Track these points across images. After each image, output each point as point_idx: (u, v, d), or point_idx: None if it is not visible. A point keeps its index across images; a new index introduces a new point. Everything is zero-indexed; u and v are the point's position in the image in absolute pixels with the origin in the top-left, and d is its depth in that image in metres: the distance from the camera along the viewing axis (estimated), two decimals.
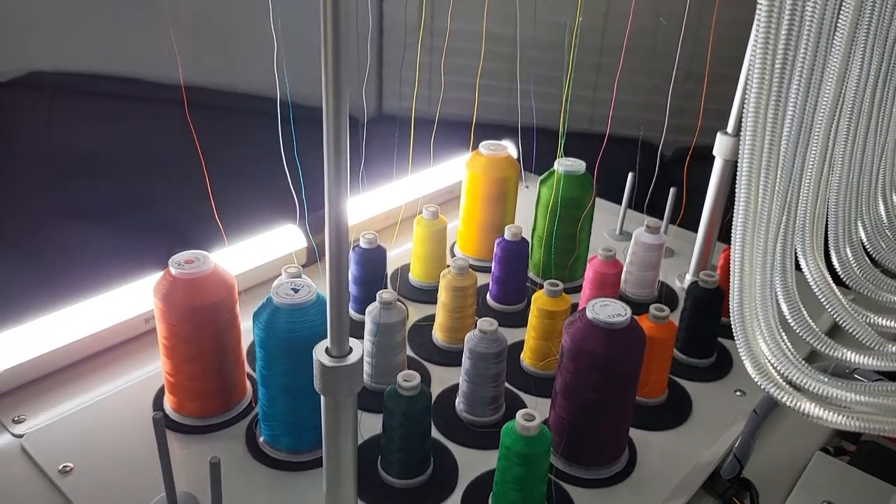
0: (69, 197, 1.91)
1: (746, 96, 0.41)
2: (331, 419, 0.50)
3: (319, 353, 0.49)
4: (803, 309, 0.50)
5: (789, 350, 0.47)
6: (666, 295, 0.98)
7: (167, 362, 0.70)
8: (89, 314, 0.81)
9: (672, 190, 1.05)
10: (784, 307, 0.49)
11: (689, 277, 1.01)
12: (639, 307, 0.89)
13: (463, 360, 0.74)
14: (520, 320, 0.90)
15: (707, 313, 0.84)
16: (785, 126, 0.42)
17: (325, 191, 0.45)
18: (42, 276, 1.57)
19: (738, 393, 0.83)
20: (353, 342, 0.50)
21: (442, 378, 0.82)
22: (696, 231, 0.99)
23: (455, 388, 0.78)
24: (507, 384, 0.79)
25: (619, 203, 1.13)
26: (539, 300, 0.80)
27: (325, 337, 0.49)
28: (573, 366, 0.66)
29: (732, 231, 0.44)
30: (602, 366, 0.65)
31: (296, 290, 0.66)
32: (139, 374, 0.79)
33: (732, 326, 0.49)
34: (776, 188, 0.43)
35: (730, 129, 0.91)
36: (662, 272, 1.00)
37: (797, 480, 0.68)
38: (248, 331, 0.74)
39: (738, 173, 0.41)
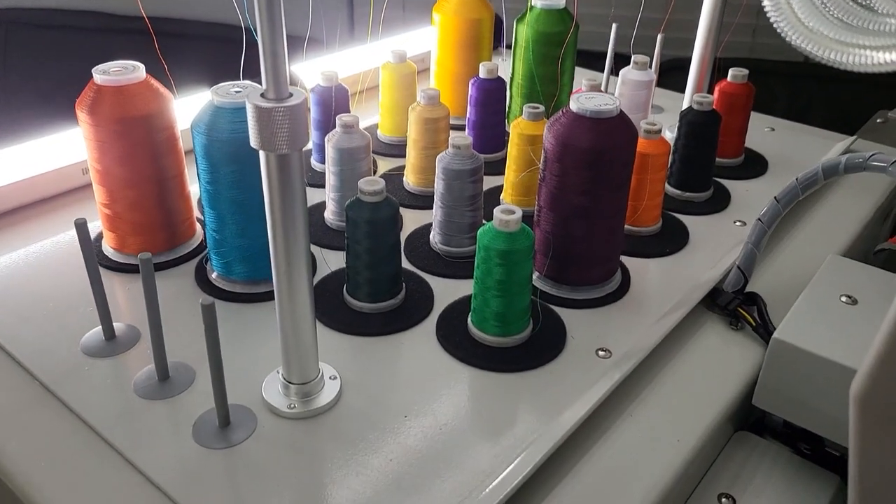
0: None
1: None
2: (274, 183, 0.43)
3: (254, 98, 0.41)
4: None
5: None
6: None
7: (101, 191, 0.62)
8: (18, 159, 0.72)
9: (659, 36, 0.97)
10: None
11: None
12: None
13: (436, 182, 0.66)
14: (499, 169, 0.82)
15: (703, 140, 0.77)
16: None
17: None
18: None
19: (737, 223, 0.76)
20: (294, 89, 0.42)
21: (415, 219, 0.74)
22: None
23: (429, 227, 0.71)
24: (486, 222, 0.72)
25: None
26: (519, 125, 0.72)
27: None
28: (559, 167, 0.59)
29: None
30: (591, 161, 0.57)
31: (238, 91, 0.57)
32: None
33: None
34: None
35: None
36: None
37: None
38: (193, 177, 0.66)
39: None
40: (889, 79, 0.48)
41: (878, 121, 1.03)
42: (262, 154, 0.42)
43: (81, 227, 0.50)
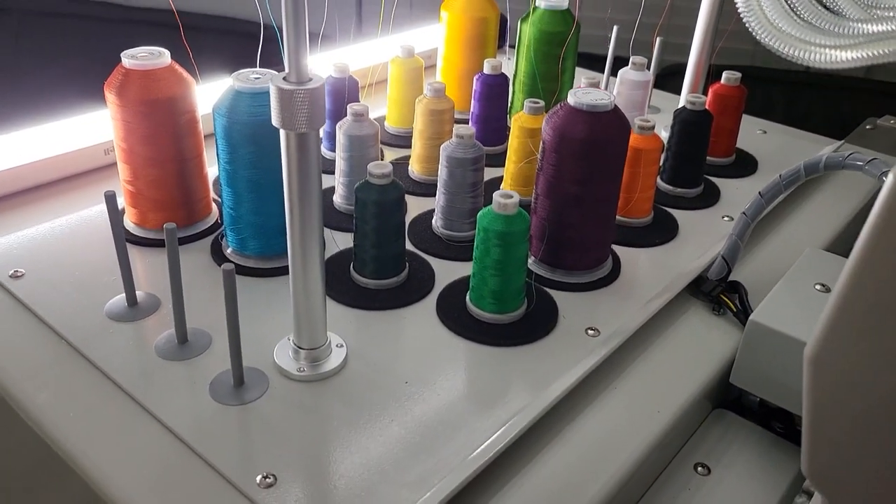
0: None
1: None
2: (292, 160, 0.46)
3: (277, 81, 0.45)
4: None
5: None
6: None
7: (126, 168, 0.66)
8: (44, 139, 0.76)
9: (658, 39, 1.01)
10: None
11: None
12: None
13: (439, 170, 0.70)
14: (500, 161, 0.86)
15: (695, 137, 0.81)
16: None
17: None
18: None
19: (725, 218, 0.80)
20: (312, 74, 0.46)
21: (419, 206, 0.78)
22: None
23: (432, 213, 0.75)
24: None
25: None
26: (520, 119, 0.76)
27: None
28: (555, 157, 0.63)
29: None
30: (585, 151, 0.61)
31: (258, 77, 0.61)
32: (97, 200, 0.75)
33: None
34: None
35: None
36: None
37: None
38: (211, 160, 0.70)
39: None
40: (888, 88, 0.51)
41: (868, 127, 1.07)
42: (282, 133, 0.46)
43: (111, 199, 0.54)
